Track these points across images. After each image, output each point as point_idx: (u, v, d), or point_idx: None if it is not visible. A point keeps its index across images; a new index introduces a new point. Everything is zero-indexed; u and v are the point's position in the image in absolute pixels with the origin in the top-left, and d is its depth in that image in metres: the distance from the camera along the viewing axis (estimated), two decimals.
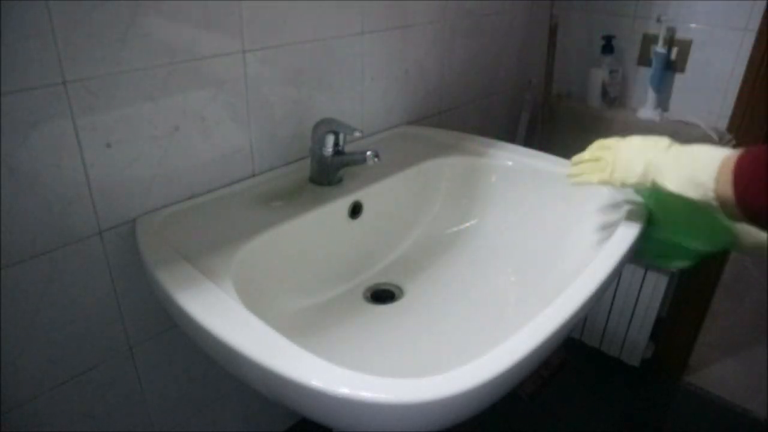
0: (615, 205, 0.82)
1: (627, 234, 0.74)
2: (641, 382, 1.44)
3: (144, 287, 0.77)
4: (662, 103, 1.35)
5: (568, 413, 1.35)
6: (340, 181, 0.86)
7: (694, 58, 1.29)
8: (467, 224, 0.97)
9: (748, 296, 1.71)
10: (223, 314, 0.56)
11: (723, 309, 1.45)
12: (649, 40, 1.33)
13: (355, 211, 0.85)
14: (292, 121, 0.89)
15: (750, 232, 0.73)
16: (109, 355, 0.79)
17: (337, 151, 0.83)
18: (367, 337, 0.75)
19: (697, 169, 0.65)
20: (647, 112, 1.33)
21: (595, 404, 1.38)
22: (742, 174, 0.61)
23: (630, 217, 0.77)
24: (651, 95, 1.32)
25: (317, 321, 0.76)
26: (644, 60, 1.36)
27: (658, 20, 1.26)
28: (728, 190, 0.62)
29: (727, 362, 1.50)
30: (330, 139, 0.81)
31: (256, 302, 0.61)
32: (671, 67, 1.31)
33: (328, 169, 0.84)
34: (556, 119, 1.45)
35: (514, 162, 0.97)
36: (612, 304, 1.42)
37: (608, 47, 1.37)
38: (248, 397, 1.05)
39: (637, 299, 1.37)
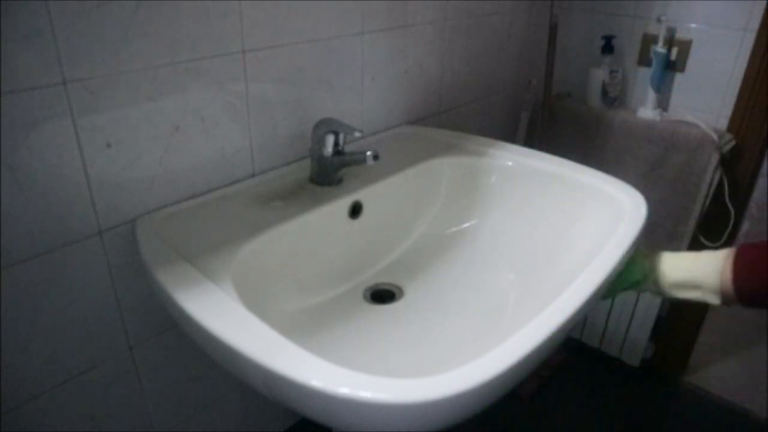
0: (615, 206, 0.82)
1: (627, 234, 0.74)
2: (641, 382, 1.44)
3: (144, 287, 0.77)
4: (662, 103, 1.35)
5: (568, 413, 1.35)
6: (340, 181, 0.86)
7: (694, 58, 1.28)
8: (467, 224, 0.97)
9: None
10: (223, 314, 0.56)
11: (723, 309, 1.45)
12: (649, 40, 1.33)
13: (355, 211, 0.85)
14: (292, 121, 0.89)
15: (656, 284, 0.80)
16: (109, 355, 0.79)
17: (337, 151, 0.83)
18: (367, 337, 0.75)
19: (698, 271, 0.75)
20: (647, 112, 1.33)
21: (595, 404, 1.38)
22: (739, 270, 0.71)
23: (630, 217, 0.78)
24: (651, 95, 1.32)
25: (317, 321, 0.76)
26: (644, 60, 1.36)
27: (658, 20, 1.26)
28: (728, 285, 0.71)
29: (727, 362, 1.50)
30: (330, 139, 0.81)
31: (256, 302, 0.61)
32: (671, 67, 1.31)
33: (328, 169, 0.84)
34: (556, 119, 1.45)
35: (514, 162, 0.97)
36: (612, 304, 1.42)
37: (608, 47, 1.37)
38: (248, 397, 1.05)
39: (637, 299, 1.37)
